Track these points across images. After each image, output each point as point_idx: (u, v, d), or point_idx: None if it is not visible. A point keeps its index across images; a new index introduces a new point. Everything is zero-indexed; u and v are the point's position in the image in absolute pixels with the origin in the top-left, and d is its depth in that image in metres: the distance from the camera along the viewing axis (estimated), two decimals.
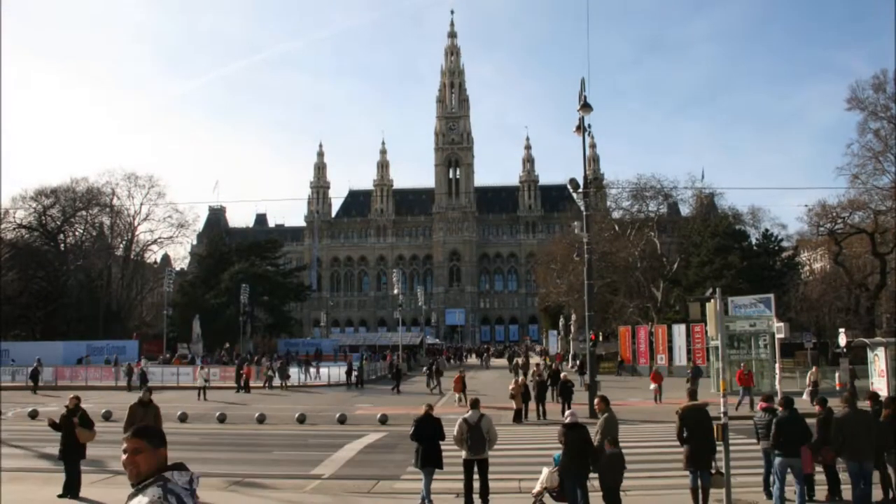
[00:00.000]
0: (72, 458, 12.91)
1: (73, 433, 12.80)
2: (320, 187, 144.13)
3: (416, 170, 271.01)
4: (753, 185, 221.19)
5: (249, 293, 64.22)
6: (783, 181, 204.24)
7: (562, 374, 29.42)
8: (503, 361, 64.64)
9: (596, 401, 13.47)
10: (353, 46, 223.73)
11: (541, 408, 25.87)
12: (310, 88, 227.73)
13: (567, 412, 12.09)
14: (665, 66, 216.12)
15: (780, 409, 11.73)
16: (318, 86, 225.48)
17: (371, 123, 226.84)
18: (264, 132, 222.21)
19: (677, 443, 11.91)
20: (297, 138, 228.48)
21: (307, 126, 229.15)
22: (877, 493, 11.37)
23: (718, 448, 11.81)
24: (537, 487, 11.54)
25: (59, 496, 12.56)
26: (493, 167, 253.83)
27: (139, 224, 79.37)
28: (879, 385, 26.64)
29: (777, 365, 28.73)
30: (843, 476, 11.80)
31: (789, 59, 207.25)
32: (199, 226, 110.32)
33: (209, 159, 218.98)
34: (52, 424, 13.51)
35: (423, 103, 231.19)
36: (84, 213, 76.34)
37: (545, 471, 11.56)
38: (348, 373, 42.36)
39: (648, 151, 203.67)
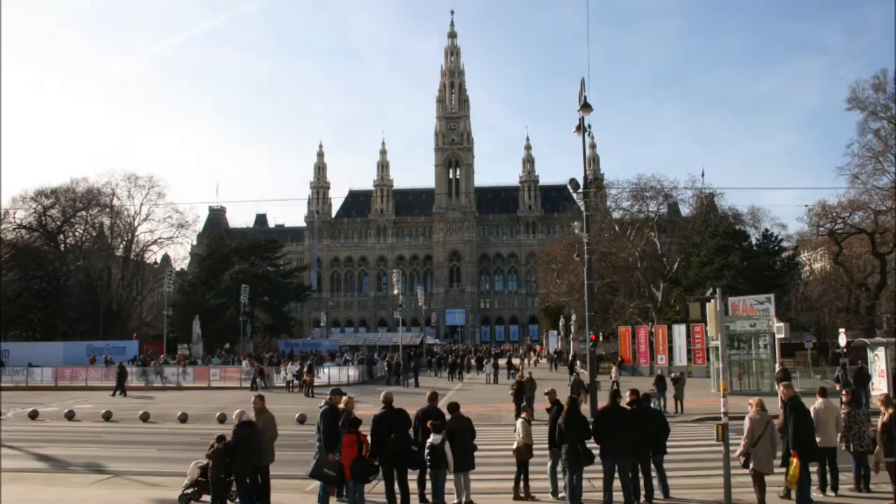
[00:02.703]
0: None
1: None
2: (320, 187, 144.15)
3: (416, 170, 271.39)
4: (741, 180, 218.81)
5: (249, 293, 64.16)
6: (769, 171, 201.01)
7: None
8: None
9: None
10: (354, 46, 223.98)
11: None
12: (309, 87, 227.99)
13: (237, 410, 12.42)
14: (629, 42, 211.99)
15: None
16: (317, 84, 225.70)
17: (371, 123, 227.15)
18: (265, 132, 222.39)
19: (678, 443, 11.94)
20: (297, 138, 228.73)
21: (307, 126, 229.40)
22: None
23: (718, 447, 11.80)
24: None
25: None
26: (493, 167, 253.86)
27: (139, 224, 79.40)
28: (880, 385, 26.66)
29: (777, 365, 28.73)
30: None
31: (760, 34, 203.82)
32: (200, 226, 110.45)
33: (210, 159, 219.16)
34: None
35: (423, 103, 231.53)
36: (84, 213, 76.28)
37: None
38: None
39: (623, 140, 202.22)
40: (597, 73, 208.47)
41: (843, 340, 37.05)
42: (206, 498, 12.19)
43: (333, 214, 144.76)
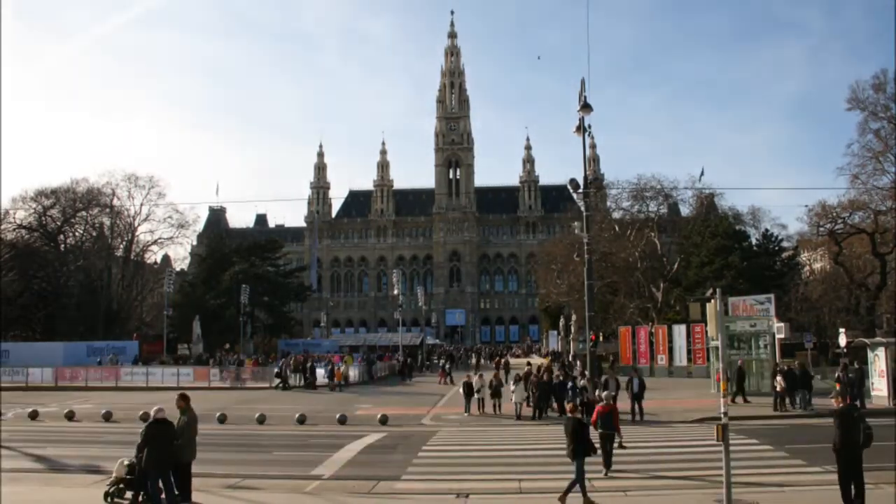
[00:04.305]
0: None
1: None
2: (320, 188, 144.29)
3: (416, 170, 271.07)
4: (728, 172, 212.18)
5: (250, 294, 64.15)
6: (757, 165, 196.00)
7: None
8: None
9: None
10: (354, 45, 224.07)
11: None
12: (309, 87, 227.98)
13: (155, 408, 12.59)
14: (598, 21, 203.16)
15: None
16: (316, 84, 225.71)
17: (372, 123, 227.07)
18: (265, 132, 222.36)
19: (678, 443, 11.93)
20: (297, 138, 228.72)
21: (307, 126, 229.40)
22: None
23: (718, 447, 11.80)
24: None
25: None
26: (494, 167, 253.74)
27: (139, 224, 79.29)
28: (879, 385, 26.62)
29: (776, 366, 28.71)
30: None
31: (735, 15, 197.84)
32: (200, 226, 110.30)
33: (210, 159, 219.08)
34: None
35: (424, 103, 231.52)
36: (84, 213, 76.19)
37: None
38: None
39: (600, 130, 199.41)
40: (570, 56, 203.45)
41: (843, 340, 37.04)
42: (129, 495, 12.39)
43: (333, 214, 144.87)
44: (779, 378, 26.16)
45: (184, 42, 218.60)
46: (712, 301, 13.91)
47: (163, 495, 11.99)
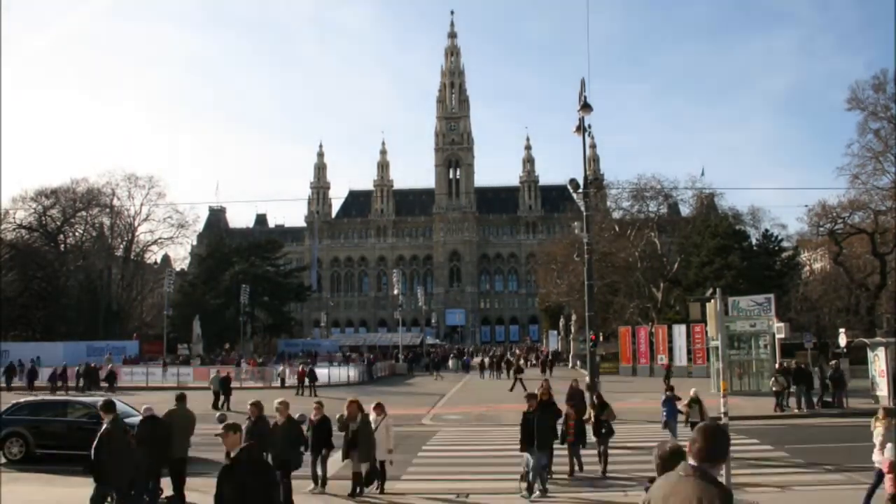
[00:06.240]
0: None
1: None
2: (320, 188, 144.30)
3: (416, 170, 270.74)
4: (722, 170, 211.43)
5: (250, 294, 64.19)
6: (754, 163, 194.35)
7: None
8: None
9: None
10: (358, 48, 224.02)
11: None
12: (309, 88, 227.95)
13: (144, 406, 13.11)
14: (580, 11, 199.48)
15: None
16: (317, 85, 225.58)
17: (372, 123, 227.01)
18: (265, 132, 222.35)
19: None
20: (297, 138, 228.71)
21: (308, 126, 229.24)
22: None
23: None
24: None
25: None
26: (494, 167, 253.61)
27: (139, 224, 79.39)
28: (879, 385, 26.55)
29: (777, 365, 28.70)
30: None
31: (723, 4, 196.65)
32: (200, 226, 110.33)
33: (210, 159, 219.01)
34: None
35: (424, 103, 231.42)
36: (84, 213, 76.26)
37: None
38: None
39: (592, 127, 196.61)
40: (562, 50, 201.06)
41: (843, 340, 37.06)
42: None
43: (333, 214, 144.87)
44: (779, 377, 26.11)
45: (184, 38, 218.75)
46: (712, 301, 13.92)
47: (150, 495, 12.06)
